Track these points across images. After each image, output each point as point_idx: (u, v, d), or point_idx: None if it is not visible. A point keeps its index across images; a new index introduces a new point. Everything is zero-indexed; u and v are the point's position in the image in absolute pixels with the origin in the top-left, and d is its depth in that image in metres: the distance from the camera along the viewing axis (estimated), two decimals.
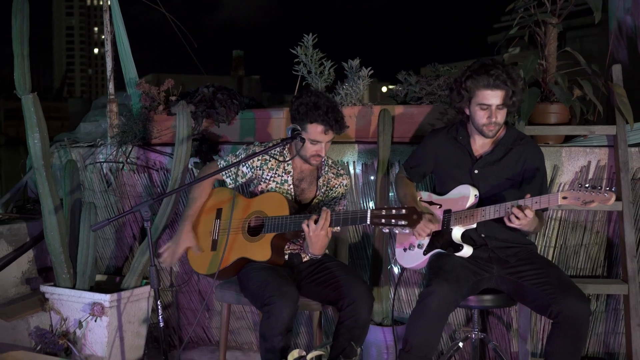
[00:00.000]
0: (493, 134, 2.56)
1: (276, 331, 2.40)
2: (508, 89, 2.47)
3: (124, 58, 3.71)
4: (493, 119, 2.50)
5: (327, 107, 2.62)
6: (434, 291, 2.34)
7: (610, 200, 2.14)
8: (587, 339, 2.44)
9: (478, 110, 2.52)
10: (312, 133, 2.62)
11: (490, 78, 2.46)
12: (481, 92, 2.49)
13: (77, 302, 2.95)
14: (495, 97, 2.48)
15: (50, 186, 2.97)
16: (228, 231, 2.65)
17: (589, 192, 2.17)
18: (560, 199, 2.23)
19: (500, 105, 2.49)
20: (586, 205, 2.18)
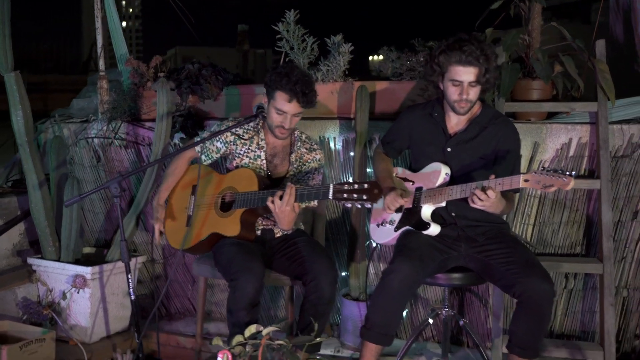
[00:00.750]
0: (465, 111, 2.53)
1: (241, 305, 2.46)
2: (481, 66, 2.43)
3: (115, 35, 3.75)
4: (464, 96, 2.47)
5: (298, 78, 2.63)
6: (395, 269, 2.37)
7: (569, 184, 2.11)
8: (550, 318, 2.44)
9: (450, 86, 2.49)
10: (278, 101, 2.64)
11: (463, 54, 2.42)
12: (453, 68, 2.46)
13: (61, 274, 3.06)
14: (468, 73, 2.44)
15: (35, 162, 3.05)
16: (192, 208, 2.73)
17: (549, 175, 2.15)
18: (522, 182, 2.21)
19: (473, 82, 2.46)
20: (546, 189, 2.16)
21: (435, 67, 2.51)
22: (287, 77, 2.62)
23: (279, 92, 2.64)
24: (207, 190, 2.77)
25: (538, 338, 2.39)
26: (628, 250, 3.00)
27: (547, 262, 2.89)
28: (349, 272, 3.15)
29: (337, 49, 3.27)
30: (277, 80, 2.63)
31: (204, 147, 2.80)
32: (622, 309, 3.03)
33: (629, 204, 2.98)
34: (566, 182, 2.11)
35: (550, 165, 3.05)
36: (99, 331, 3.11)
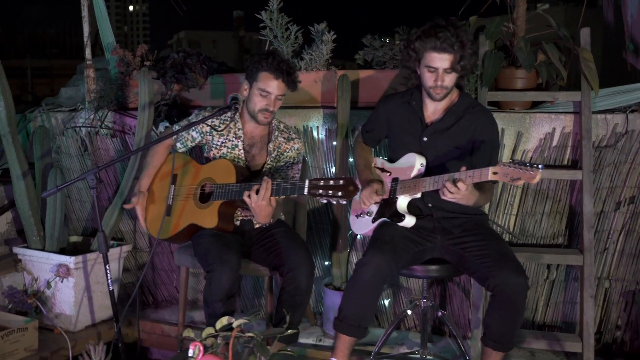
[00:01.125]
0: (441, 97, 2.50)
1: (216, 297, 2.48)
2: (456, 52, 2.40)
3: (101, 23, 3.75)
4: (439, 82, 2.44)
5: (281, 59, 2.65)
6: (367, 262, 2.37)
7: (535, 178, 2.09)
8: (524, 312, 2.42)
9: (426, 72, 2.47)
10: (262, 82, 2.64)
11: (438, 41, 2.39)
12: (429, 54, 2.43)
13: (46, 263, 3.09)
14: (442, 60, 2.41)
15: (18, 152, 3.07)
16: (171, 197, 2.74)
17: (517, 168, 2.12)
18: (491, 174, 2.19)
19: (448, 69, 2.43)
20: (514, 182, 2.14)
21: (412, 53, 2.48)
22: (272, 57, 2.63)
23: (263, 72, 2.64)
24: (185, 180, 2.78)
25: (512, 331, 2.38)
26: (611, 241, 2.98)
27: (528, 252, 2.90)
28: (331, 261, 3.16)
29: (321, 37, 3.24)
30: (260, 61, 2.63)
31: (182, 135, 2.81)
32: (604, 300, 3.02)
33: (612, 194, 2.95)
34: (532, 176, 2.09)
35: (534, 156, 3.03)
36: (84, 319, 3.15)
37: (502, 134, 3.04)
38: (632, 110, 2.92)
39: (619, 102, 2.93)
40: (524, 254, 2.89)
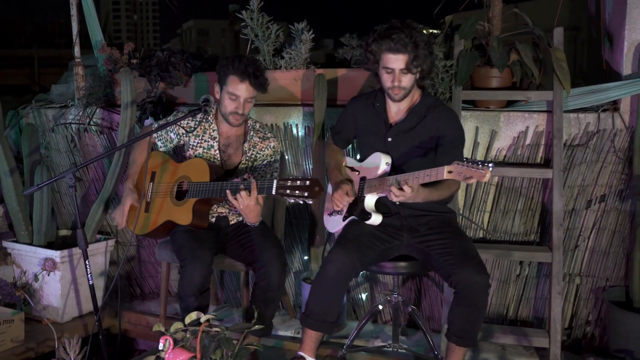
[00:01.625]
0: (399, 98, 2.56)
1: (189, 292, 2.57)
2: (410, 53, 2.45)
3: (90, 21, 3.83)
4: (396, 83, 2.50)
5: (248, 62, 2.71)
6: (331, 260, 2.44)
7: (485, 176, 2.14)
8: (486, 308, 2.48)
9: (384, 73, 2.53)
10: (230, 85, 2.71)
11: (392, 42, 2.45)
12: (385, 55, 2.49)
13: (34, 257, 3.20)
14: (398, 61, 2.47)
15: (5, 150, 3.17)
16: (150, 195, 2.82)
17: (469, 167, 2.18)
18: (446, 173, 2.24)
19: (404, 69, 2.48)
20: (466, 181, 2.20)
21: (370, 55, 2.54)
22: (238, 60, 2.69)
23: (231, 76, 2.71)
24: (164, 178, 2.86)
25: (474, 327, 2.45)
26: (582, 238, 3.03)
27: (499, 250, 2.97)
28: (309, 256, 3.24)
29: (300, 36, 3.30)
30: (227, 65, 2.70)
31: (161, 134, 2.89)
32: (575, 297, 3.07)
33: (584, 192, 3.00)
34: (482, 174, 2.14)
35: (507, 154, 3.08)
36: (71, 311, 3.26)
37: (477, 132, 3.10)
38: (603, 110, 2.96)
39: (591, 102, 2.97)
40: (494, 250, 2.95)
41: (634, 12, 2.88)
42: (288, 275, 3.42)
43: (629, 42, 2.91)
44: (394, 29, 2.48)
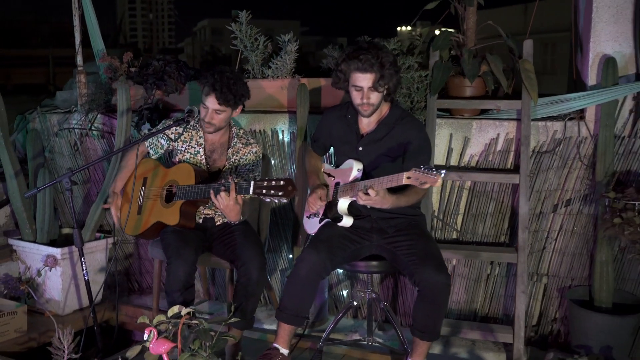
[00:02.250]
0: (368, 114, 2.74)
1: (174, 287, 2.78)
2: (377, 72, 2.63)
3: (92, 32, 4.05)
4: (365, 100, 2.68)
5: (221, 77, 2.87)
6: (303, 259, 2.64)
7: (436, 182, 2.32)
8: (446, 305, 2.64)
9: (353, 91, 2.71)
10: (203, 97, 2.92)
11: (360, 62, 2.63)
12: (354, 74, 2.67)
13: (37, 254, 3.44)
14: (365, 79, 2.65)
15: (10, 154, 3.41)
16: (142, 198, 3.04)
17: (424, 173, 2.36)
18: (405, 179, 2.42)
19: (372, 87, 2.67)
20: (422, 186, 2.37)
21: (340, 74, 2.73)
22: (212, 76, 2.89)
23: (205, 88, 2.92)
24: (154, 182, 3.08)
25: (436, 323, 2.63)
26: (550, 240, 3.19)
27: (468, 250, 3.14)
28: (293, 255, 3.44)
29: (285, 48, 3.49)
30: (205, 79, 2.91)
31: (152, 143, 3.11)
32: (543, 295, 3.24)
33: (551, 196, 3.16)
34: (435, 180, 2.32)
35: (480, 159, 3.25)
36: (72, 304, 3.49)
37: (451, 138, 3.27)
38: (570, 118, 3.12)
39: (557, 110, 3.12)
40: (464, 251, 3.13)
41: (598, 25, 3.03)
42: (274, 272, 3.63)
43: (593, 54, 3.06)
44: (362, 49, 2.67)
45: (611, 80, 2.95)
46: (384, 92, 2.72)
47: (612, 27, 3.00)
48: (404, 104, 3.27)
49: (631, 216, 2.65)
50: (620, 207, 2.72)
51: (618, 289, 3.06)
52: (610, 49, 3.02)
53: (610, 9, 3.00)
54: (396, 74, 2.71)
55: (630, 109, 3.02)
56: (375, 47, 2.67)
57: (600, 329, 2.85)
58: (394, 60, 2.70)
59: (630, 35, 2.97)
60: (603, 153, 2.97)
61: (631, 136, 3.01)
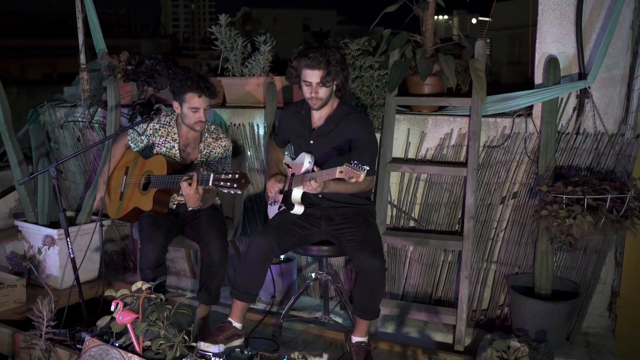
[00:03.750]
0: (317, 107, 3.00)
1: (145, 266, 3.13)
2: (324, 69, 2.89)
3: (94, 32, 4.41)
4: (313, 94, 2.94)
5: (198, 78, 3.20)
6: (253, 242, 2.93)
7: (360, 176, 2.56)
8: (382, 287, 2.88)
9: (304, 86, 2.97)
10: (190, 101, 3.22)
11: (309, 60, 2.89)
12: (304, 71, 2.93)
13: (38, 234, 3.85)
14: (314, 76, 2.91)
15: (14, 145, 3.82)
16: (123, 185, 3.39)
17: (352, 169, 2.61)
18: (338, 173, 2.67)
19: (319, 82, 2.92)
20: (350, 180, 2.62)
21: (292, 70, 2.99)
22: (190, 80, 3.20)
23: (189, 93, 3.22)
24: (134, 171, 3.43)
25: (372, 303, 2.89)
26: (499, 229, 3.39)
27: (418, 238, 3.37)
28: None
29: (259, 47, 3.77)
30: (182, 86, 3.21)
31: (133, 137, 3.45)
32: (493, 282, 3.44)
33: (499, 189, 3.35)
34: (358, 175, 2.57)
35: (435, 153, 3.46)
36: (69, 280, 3.89)
37: (409, 133, 3.50)
38: (518, 115, 3.29)
39: (507, 107, 3.30)
40: (414, 238, 3.36)
41: (543, 27, 3.19)
42: None
43: (539, 54, 3.22)
44: (312, 48, 2.93)
45: (552, 80, 3.11)
46: (333, 87, 2.97)
47: (556, 29, 3.16)
48: (365, 100, 3.52)
49: (556, 208, 2.83)
50: (549, 200, 2.90)
51: (561, 277, 3.24)
52: (555, 49, 3.18)
53: (554, 12, 3.15)
54: (342, 71, 2.95)
55: (574, 106, 3.18)
56: (324, 46, 2.93)
57: (535, 314, 3.04)
58: (341, 59, 2.95)
59: (573, 36, 3.12)
60: (545, 148, 3.14)
61: (573, 133, 3.17)
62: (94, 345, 2.85)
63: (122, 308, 2.78)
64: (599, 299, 3.28)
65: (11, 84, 15.45)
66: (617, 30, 3.03)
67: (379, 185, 3.42)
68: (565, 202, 2.84)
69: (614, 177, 3.07)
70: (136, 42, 18.98)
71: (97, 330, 2.96)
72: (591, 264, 3.19)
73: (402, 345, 3.14)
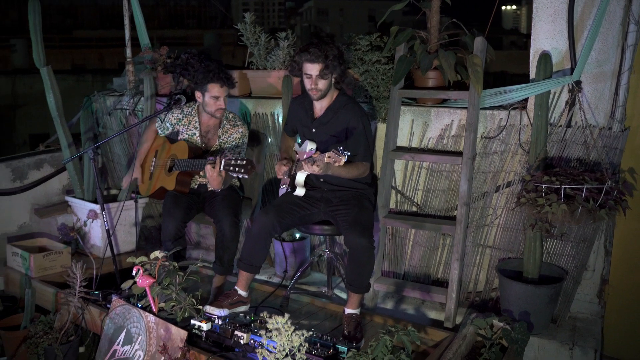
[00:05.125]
0: (317, 98, 3.28)
1: (166, 238, 3.53)
2: (322, 63, 3.16)
3: (139, 28, 4.86)
4: (313, 85, 3.23)
5: (217, 69, 3.55)
6: (256, 220, 3.27)
7: (341, 161, 2.84)
8: (370, 265, 3.11)
9: (305, 78, 3.26)
10: (212, 90, 3.59)
11: (308, 54, 3.18)
12: (304, 64, 3.22)
13: (84, 208, 4.34)
14: (313, 69, 3.19)
15: (64, 129, 4.31)
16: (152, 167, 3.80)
17: (337, 154, 2.88)
18: (326, 157, 2.95)
19: (318, 75, 3.21)
20: (335, 164, 2.90)
21: (295, 64, 3.28)
22: (212, 72, 3.56)
23: (211, 84, 3.59)
24: (162, 155, 3.84)
25: (362, 278, 3.16)
26: (494, 216, 3.57)
27: (416, 221, 3.61)
28: None
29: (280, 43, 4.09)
30: (205, 77, 3.58)
31: (160, 125, 3.87)
32: (488, 266, 3.63)
33: (495, 178, 3.53)
34: (340, 159, 2.84)
35: (436, 143, 3.67)
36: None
37: (412, 123, 3.73)
38: (514, 108, 3.46)
39: (503, 100, 3.47)
40: (411, 222, 3.61)
41: (538, 24, 3.34)
42: None
43: (534, 50, 3.37)
44: (312, 44, 3.22)
45: (543, 74, 3.26)
46: (332, 80, 3.25)
47: (550, 26, 3.30)
48: (372, 92, 3.77)
49: (534, 196, 3.00)
50: (529, 188, 3.07)
51: (550, 263, 3.40)
52: (549, 45, 3.32)
53: (548, 9, 3.29)
54: (340, 65, 3.22)
55: (566, 100, 3.32)
56: (323, 42, 3.21)
57: (518, 296, 3.23)
58: (338, 54, 3.22)
59: (566, 33, 3.26)
60: (535, 140, 3.30)
61: (565, 125, 3.31)
62: (119, 305, 3.29)
63: (142, 273, 3.21)
64: (589, 285, 3.41)
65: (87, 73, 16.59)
66: (608, 27, 3.15)
67: (382, 172, 3.68)
68: (544, 190, 3.01)
69: (601, 169, 3.20)
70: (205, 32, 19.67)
71: (125, 293, 3.40)
72: (580, 251, 3.33)
73: (394, 320, 3.40)
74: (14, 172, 4.56)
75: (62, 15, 29.22)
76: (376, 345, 2.51)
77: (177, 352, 2.93)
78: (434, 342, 3.18)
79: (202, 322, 3.05)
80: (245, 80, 4.34)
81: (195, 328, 3.07)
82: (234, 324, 2.99)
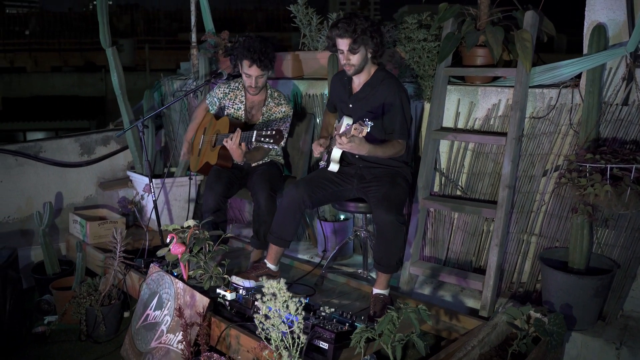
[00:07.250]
0: (352, 73, 3.22)
1: (206, 210, 3.62)
2: (351, 37, 3.10)
3: (205, 16, 5.02)
4: (346, 61, 3.17)
5: (255, 48, 3.58)
6: (286, 193, 3.26)
7: (363, 132, 2.76)
8: (398, 243, 2.95)
9: (339, 54, 3.22)
10: (244, 67, 3.65)
11: (338, 29, 3.13)
12: (336, 40, 3.18)
13: (142, 183, 4.54)
14: (343, 44, 3.14)
15: (127, 108, 4.53)
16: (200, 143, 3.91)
17: (361, 125, 2.81)
18: (353, 130, 2.89)
19: (349, 50, 3.15)
20: (359, 135, 2.82)
21: (329, 40, 3.24)
22: (247, 49, 3.61)
23: (244, 60, 3.65)
24: (209, 131, 3.94)
25: (389, 257, 3.07)
26: (541, 202, 3.34)
27: (454, 204, 3.46)
28: None
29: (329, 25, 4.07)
30: (240, 53, 3.65)
31: (210, 101, 3.97)
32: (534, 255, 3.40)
33: (542, 160, 3.31)
34: (363, 129, 2.76)
35: (483, 123, 3.50)
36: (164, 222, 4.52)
37: (459, 103, 3.59)
38: (565, 86, 3.23)
39: (552, 77, 3.25)
40: (450, 204, 3.46)
41: None
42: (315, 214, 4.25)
43: (588, 22, 3.12)
44: (342, 19, 3.17)
45: (596, 47, 3.02)
46: (367, 54, 3.18)
47: None
48: (417, 70, 3.66)
49: (575, 176, 2.78)
50: (573, 168, 2.84)
51: (600, 254, 3.13)
52: (605, 17, 3.07)
53: None
54: (372, 39, 3.14)
55: (622, 76, 3.05)
56: (353, 16, 3.15)
57: (559, 286, 3.00)
58: (370, 27, 3.13)
59: (624, 2, 2.99)
60: (586, 119, 3.06)
61: (621, 104, 3.04)
62: (155, 272, 3.41)
63: (176, 241, 3.30)
64: None
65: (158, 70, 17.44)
66: None
67: (424, 152, 3.56)
68: (588, 170, 2.78)
69: None
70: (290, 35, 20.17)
71: (165, 262, 3.51)
72: (634, 242, 3.04)
73: (427, 304, 3.26)
74: (82, 147, 4.86)
75: (169, 19, 31.04)
76: (382, 320, 2.42)
77: (197, 318, 2.98)
78: (465, 330, 3.04)
79: (227, 291, 3.09)
80: (298, 62, 4.36)
81: (220, 297, 3.11)
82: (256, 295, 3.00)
